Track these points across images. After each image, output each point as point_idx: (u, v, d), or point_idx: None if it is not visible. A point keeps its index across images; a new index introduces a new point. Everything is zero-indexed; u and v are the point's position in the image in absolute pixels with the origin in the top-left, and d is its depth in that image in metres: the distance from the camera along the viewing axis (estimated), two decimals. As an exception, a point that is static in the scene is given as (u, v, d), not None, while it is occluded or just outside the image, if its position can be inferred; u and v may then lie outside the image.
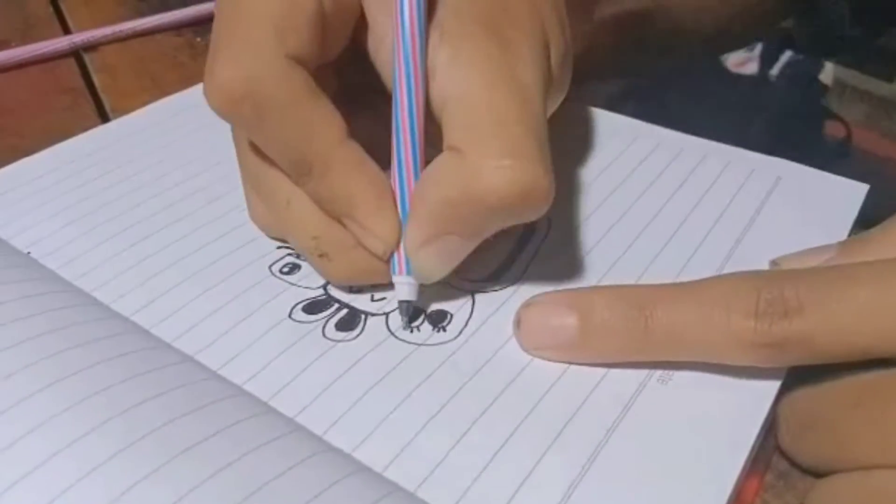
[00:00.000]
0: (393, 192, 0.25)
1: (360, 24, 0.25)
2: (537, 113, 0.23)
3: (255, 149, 0.25)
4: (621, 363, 0.23)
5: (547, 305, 0.24)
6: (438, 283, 0.25)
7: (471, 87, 0.23)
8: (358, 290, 0.26)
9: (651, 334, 0.22)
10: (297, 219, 0.25)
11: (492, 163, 0.22)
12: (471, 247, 0.24)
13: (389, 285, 0.25)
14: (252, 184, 0.27)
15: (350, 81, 0.27)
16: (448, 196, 0.23)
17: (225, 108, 0.23)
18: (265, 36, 0.23)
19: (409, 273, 0.25)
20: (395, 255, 0.25)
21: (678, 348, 0.23)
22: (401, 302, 0.25)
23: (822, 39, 0.41)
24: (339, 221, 0.25)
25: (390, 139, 0.25)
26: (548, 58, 0.25)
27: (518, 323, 0.24)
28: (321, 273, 0.26)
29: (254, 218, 0.29)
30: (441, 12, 0.24)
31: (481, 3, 0.24)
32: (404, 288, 0.25)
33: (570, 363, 0.23)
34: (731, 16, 0.41)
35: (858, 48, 0.41)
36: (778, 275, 0.22)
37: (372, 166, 0.25)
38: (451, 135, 0.23)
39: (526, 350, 0.24)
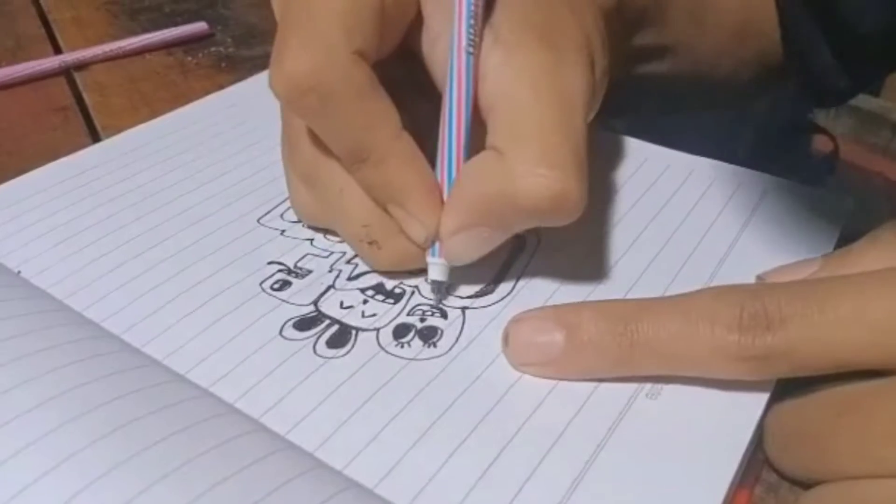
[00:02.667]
0: (439, 187, 0.26)
1: (414, 22, 0.27)
2: (578, 124, 0.25)
3: (313, 138, 0.27)
4: (609, 378, 0.23)
5: (534, 321, 0.24)
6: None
7: (518, 92, 0.24)
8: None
9: (636, 350, 0.23)
10: (349, 207, 0.27)
11: (528, 168, 0.23)
12: (500, 239, 0.26)
13: (382, 302, 0.25)
14: (304, 172, 0.28)
15: (391, 76, 0.28)
16: (484, 192, 0.24)
17: (292, 96, 0.25)
18: (333, 31, 0.24)
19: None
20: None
21: (664, 363, 0.23)
22: (433, 281, 0.26)
23: (811, 90, 0.41)
24: (384, 210, 0.26)
25: (431, 133, 0.26)
26: (593, 71, 0.26)
27: (506, 339, 0.24)
28: (367, 260, 0.28)
29: (298, 207, 0.30)
30: (497, 17, 0.25)
31: (536, 13, 0.26)
32: (437, 268, 0.26)
33: (559, 379, 0.24)
34: (748, 59, 0.41)
35: (844, 99, 0.41)
36: (761, 288, 0.22)
37: (423, 161, 0.26)
38: (494, 135, 0.25)
39: (514, 366, 0.24)
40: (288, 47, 0.24)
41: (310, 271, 0.28)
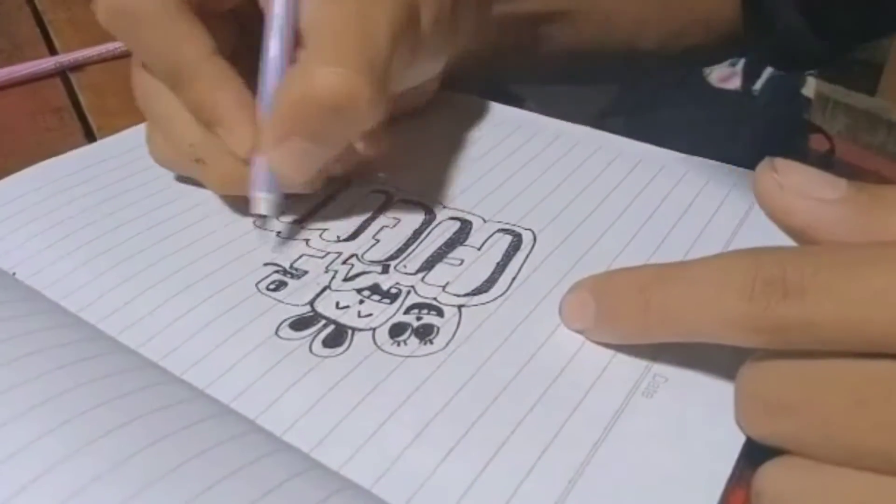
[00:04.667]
0: (254, 104, 0.28)
1: None
2: (378, 42, 0.27)
3: (144, 71, 0.30)
4: (635, 345, 0.24)
5: (576, 291, 0.25)
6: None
7: (323, 15, 0.27)
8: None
9: (650, 317, 0.22)
10: (177, 129, 0.29)
11: (323, 69, 0.26)
12: (320, 154, 0.28)
13: (378, 302, 0.25)
14: (143, 107, 0.31)
15: (258, 42, 0.30)
16: (290, 98, 0.27)
17: (107, 18, 0.28)
18: None
19: (265, 191, 0.28)
20: (254, 172, 0.28)
21: (677, 330, 0.22)
22: (257, 216, 0.29)
23: (783, 56, 0.41)
24: (212, 132, 0.28)
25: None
26: (409, 10, 0.29)
27: (560, 309, 0.26)
28: (202, 181, 0.30)
29: (150, 147, 0.32)
30: None
31: None
32: (258, 202, 0.28)
33: (601, 343, 0.24)
34: (679, 31, 0.42)
35: (825, 62, 0.41)
36: (782, 253, 0.20)
37: (237, 81, 0.29)
38: (302, 53, 0.27)
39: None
40: None
41: (306, 272, 0.28)
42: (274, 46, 0.28)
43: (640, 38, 0.42)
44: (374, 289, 0.27)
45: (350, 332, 0.25)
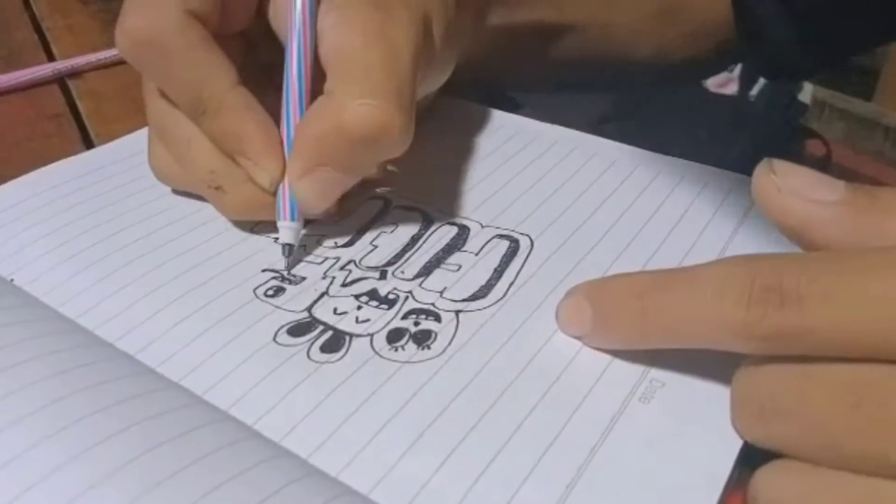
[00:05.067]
0: (279, 134, 0.29)
1: None
2: (403, 67, 0.27)
3: (162, 95, 0.29)
4: (632, 351, 0.24)
5: (572, 297, 0.25)
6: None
7: (347, 43, 0.27)
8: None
9: (648, 323, 0.22)
10: (196, 155, 0.29)
11: (355, 101, 0.26)
12: (347, 182, 0.28)
13: (376, 307, 0.26)
14: (157, 128, 0.31)
15: (265, 60, 0.31)
16: (319, 130, 0.27)
17: (131, 51, 0.28)
18: None
19: (292, 219, 0.28)
20: (281, 202, 0.28)
21: (674, 337, 0.22)
22: (283, 245, 0.28)
23: (774, 67, 0.42)
24: (233, 160, 0.29)
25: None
26: (424, 28, 0.29)
27: (556, 315, 0.25)
28: (217, 207, 0.30)
29: (154, 165, 0.32)
30: None
31: None
32: (286, 232, 0.28)
33: (598, 349, 0.24)
34: (675, 42, 0.42)
35: (816, 73, 0.42)
36: (778, 260, 0.20)
37: (261, 110, 0.29)
38: (328, 83, 0.27)
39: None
40: (128, 9, 0.28)
41: (303, 278, 0.28)
42: (294, 73, 0.28)
43: (637, 49, 0.42)
44: (372, 294, 0.27)
45: (348, 337, 0.25)
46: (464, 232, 0.30)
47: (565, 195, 0.32)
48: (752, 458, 0.21)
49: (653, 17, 0.41)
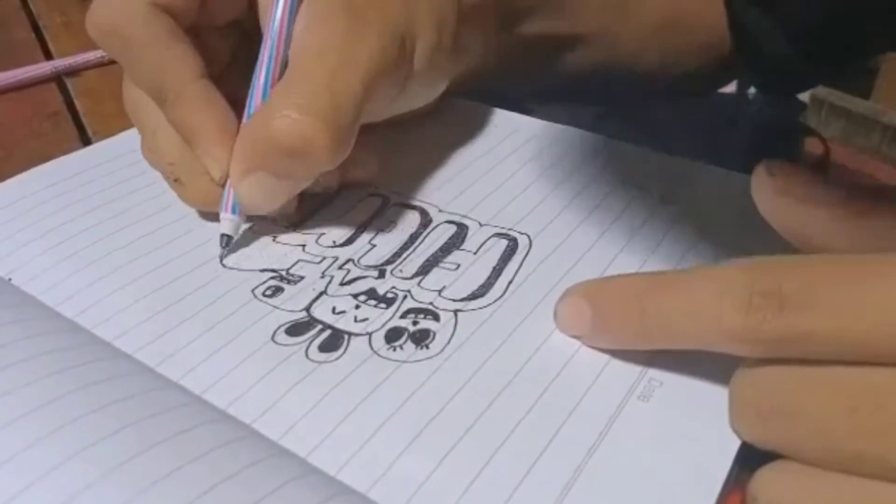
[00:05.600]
0: (235, 130, 0.29)
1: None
2: (348, 84, 0.27)
3: (133, 84, 0.30)
4: (631, 350, 0.24)
5: (570, 297, 0.25)
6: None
7: (306, 46, 0.28)
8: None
9: (647, 324, 0.23)
10: (160, 146, 0.30)
11: (282, 111, 0.26)
12: (287, 189, 0.28)
13: (374, 307, 0.26)
14: (130, 116, 0.31)
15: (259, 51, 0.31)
16: (254, 136, 0.27)
17: (99, 40, 0.29)
18: None
19: (233, 212, 0.29)
20: (226, 194, 0.29)
21: (673, 339, 0.22)
22: (221, 235, 0.29)
23: (771, 81, 0.42)
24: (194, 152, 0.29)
25: None
26: (397, 46, 0.29)
27: (555, 314, 0.25)
28: (178, 195, 0.31)
29: (144, 154, 0.32)
30: None
31: None
32: (226, 223, 0.29)
33: (596, 348, 0.24)
34: (678, 55, 0.42)
35: (808, 86, 0.42)
36: (778, 265, 0.20)
37: (221, 104, 0.29)
38: (277, 86, 0.28)
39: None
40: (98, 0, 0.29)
41: (302, 277, 0.28)
42: (262, 71, 0.29)
43: (642, 61, 0.42)
44: (371, 293, 0.27)
45: (346, 337, 0.25)
46: (462, 230, 0.30)
47: (564, 194, 0.32)
48: (750, 458, 0.21)
49: (655, 30, 0.42)
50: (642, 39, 0.42)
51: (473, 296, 0.27)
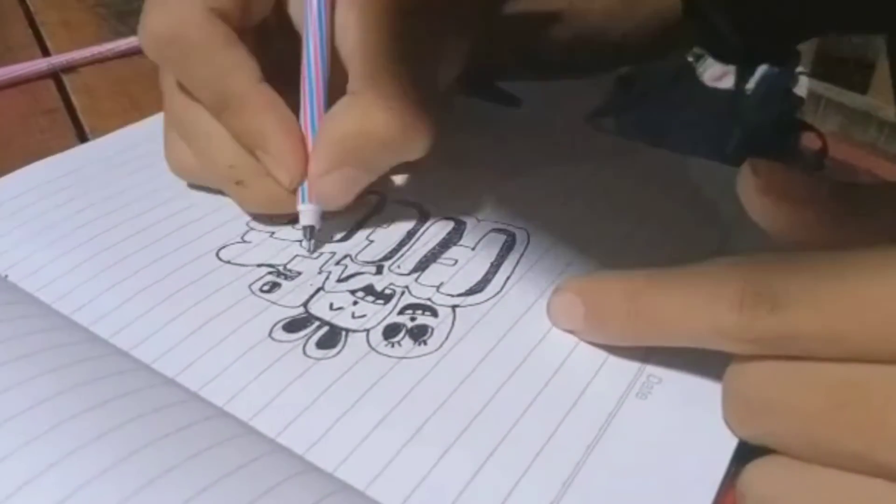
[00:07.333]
0: (300, 131, 0.29)
1: None
2: (429, 74, 0.28)
3: (182, 90, 0.29)
4: (627, 346, 0.24)
5: (563, 292, 0.25)
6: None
7: (374, 41, 0.28)
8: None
9: (640, 322, 0.23)
10: (216, 150, 0.29)
11: (382, 103, 0.27)
12: (366, 180, 0.29)
13: (372, 303, 0.26)
14: (176, 122, 0.31)
15: (277, 52, 0.31)
16: (345, 132, 0.27)
17: (156, 50, 0.28)
18: None
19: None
20: (304, 187, 0.28)
21: (668, 337, 0.23)
22: (304, 227, 0.29)
23: (716, 51, 0.43)
24: (253, 155, 0.29)
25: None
26: (454, 31, 0.29)
27: (548, 308, 0.26)
28: (238, 201, 0.30)
29: (173, 161, 0.31)
30: None
31: None
32: (308, 214, 0.28)
33: (595, 344, 0.25)
34: (639, 23, 0.43)
35: (745, 58, 0.43)
36: (769, 264, 0.20)
37: (283, 107, 0.29)
38: (353, 82, 0.28)
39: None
40: (151, 9, 0.28)
41: (299, 273, 0.28)
42: (317, 68, 0.29)
43: (609, 32, 0.43)
44: (368, 290, 0.27)
45: (344, 333, 0.25)
46: (460, 226, 0.30)
47: (561, 189, 0.32)
48: (749, 455, 0.21)
49: (622, 1, 0.42)
50: (611, 11, 0.42)
51: (471, 291, 0.27)
